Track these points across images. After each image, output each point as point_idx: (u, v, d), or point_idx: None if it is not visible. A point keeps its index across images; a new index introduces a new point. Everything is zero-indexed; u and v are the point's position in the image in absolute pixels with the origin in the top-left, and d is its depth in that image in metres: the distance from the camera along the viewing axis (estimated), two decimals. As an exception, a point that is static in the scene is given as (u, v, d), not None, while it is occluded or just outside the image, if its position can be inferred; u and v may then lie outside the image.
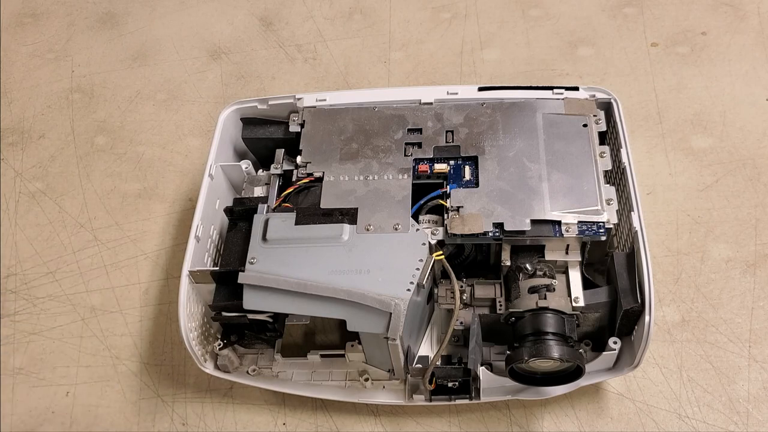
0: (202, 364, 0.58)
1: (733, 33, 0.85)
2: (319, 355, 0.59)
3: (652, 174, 0.73)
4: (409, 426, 0.60)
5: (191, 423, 0.62)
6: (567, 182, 0.55)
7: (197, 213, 0.61)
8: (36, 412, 0.64)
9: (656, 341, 0.62)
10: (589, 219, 0.53)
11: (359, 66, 0.89)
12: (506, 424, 0.59)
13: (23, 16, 1.02)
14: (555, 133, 0.59)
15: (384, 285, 0.50)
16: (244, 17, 0.97)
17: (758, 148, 0.74)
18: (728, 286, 0.65)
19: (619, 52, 0.85)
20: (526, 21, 0.90)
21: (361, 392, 0.58)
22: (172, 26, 0.97)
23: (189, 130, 0.84)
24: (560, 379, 0.53)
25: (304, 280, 0.51)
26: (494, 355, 0.58)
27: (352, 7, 0.96)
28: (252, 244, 0.54)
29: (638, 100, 0.80)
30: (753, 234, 0.68)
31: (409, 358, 0.57)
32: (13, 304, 0.72)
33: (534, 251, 0.55)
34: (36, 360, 0.67)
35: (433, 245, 0.54)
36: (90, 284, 0.72)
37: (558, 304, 0.52)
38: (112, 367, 0.66)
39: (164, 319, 0.69)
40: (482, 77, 0.85)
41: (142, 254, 0.74)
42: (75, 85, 0.91)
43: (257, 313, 0.54)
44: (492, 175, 0.56)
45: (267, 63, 0.91)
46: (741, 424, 0.57)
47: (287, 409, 0.62)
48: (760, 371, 0.60)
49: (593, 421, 0.59)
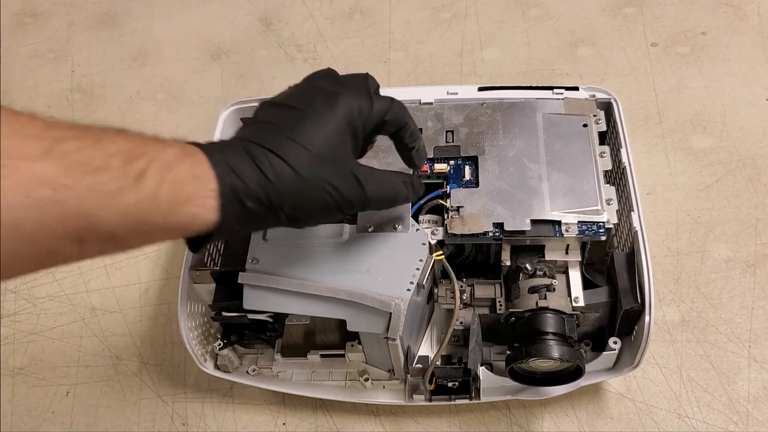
0: (202, 364, 0.58)
1: (733, 33, 0.85)
2: (319, 355, 0.59)
3: (652, 174, 0.73)
4: (409, 426, 0.60)
5: (191, 423, 0.62)
6: (567, 182, 0.55)
7: (197, 213, 0.61)
8: (36, 412, 0.64)
9: (656, 341, 0.62)
10: (589, 219, 0.53)
11: (359, 66, 0.89)
12: (506, 424, 0.59)
13: (23, 16, 1.02)
14: (555, 133, 0.59)
15: (384, 285, 0.50)
16: (244, 17, 0.97)
17: (758, 148, 0.74)
18: (728, 286, 0.65)
19: (619, 52, 0.85)
20: (526, 21, 0.90)
21: (361, 392, 0.58)
22: (172, 26, 0.97)
23: (189, 130, 0.84)
24: (560, 379, 0.53)
25: (304, 280, 0.51)
26: (494, 355, 0.58)
27: (352, 7, 0.96)
28: (252, 244, 0.54)
29: (638, 100, 0.80)
30: (753, 234, 0.68)
31: (409, 358, 0.57)
32: (13, 304, 0.72)
33: (534, 251, 0.55)
34: (36, 360, 0.67)
35: (433, 245, 0.54)
36: (90, 284, 0.72)
37: (558, 304, 0.52)
38: (112, 367, 0.66)
39: (164, 319, 0.69)
40: (482, 77, 0.85)
41: (142, 254, 0.74)
42: (75, 85, 0.91)
43: (257, 313, 0.54)
44: (492, 175, 0.56)
45: (267, 63, 0.91)
46: (741, 424, 0.57)
47: (287, 409, 0.62)
48: (760, 371, 0.60)
49: (593, 421, 0.59)
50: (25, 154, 0.28)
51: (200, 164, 0.35)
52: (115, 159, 0.31)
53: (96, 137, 0.31)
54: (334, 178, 0.40)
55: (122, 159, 0.31)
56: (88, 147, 0.30)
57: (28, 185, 0.28)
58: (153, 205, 0.32)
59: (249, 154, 0.37)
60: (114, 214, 0.31)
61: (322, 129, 0.40)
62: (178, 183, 0.33)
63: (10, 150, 0.27)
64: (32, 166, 0.28)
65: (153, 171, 0.32)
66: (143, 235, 0.33)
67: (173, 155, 0.34)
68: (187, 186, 0.34)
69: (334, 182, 0.40)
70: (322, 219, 0.42)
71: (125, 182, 0.31)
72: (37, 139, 0.29)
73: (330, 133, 0.41)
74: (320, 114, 0.41)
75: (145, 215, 0.32)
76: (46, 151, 0.29)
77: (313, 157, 0.39)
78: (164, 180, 0.33)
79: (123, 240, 0.32)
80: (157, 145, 0.34)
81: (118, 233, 0.32)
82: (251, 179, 0.37)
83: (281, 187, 0.38)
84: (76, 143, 0.30)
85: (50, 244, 0.29)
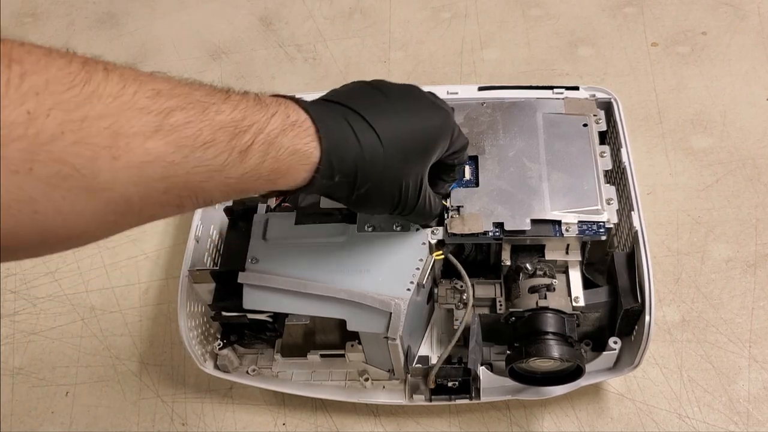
0: (202, 364, 0.58)
1: (733, 33, 0.85)
2: (319, 355, 0.59)
3: (652, 174, 0.73)
4: (409, 426, 0.60)
5: (191, 423, 0.62)
6: (567, 182, 0.55)
7: (197, 213, 0.61)
8: (36, 412, 0.64)
9: (656, 341, 0.62)
10: (590, 219, 0.53)
11: (359, 66, 0.89)
12: (506, 424, 0.59)
13: (23, 16, 1.02)
14: (555, 133, 0.59)
15: (384, 285, 0.50)
16: (244, 17, 0.97)
17: (758, 148, 0.74)
18: (728, 286, 0.65)
19: (619, 52, 0.85)
20: (526, 21, 0.90)
21: (361, 392, 0.58)
22: (172, 26, 0.97)
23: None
24: (560, 379, 0.53)
25: (304, 280, 0.51)
26: (494, 355, 0.58)
27: (352, 7, 0.96)
28: (252, 243, 0.54)
29: (638, 99, 0.80)
30: (753, 234, 0.68)
31: (409, 358, 0.57)
32: (13, 304, 0.72)
33: (534, 251, 0.55)
34: (36, 360, 0.67)
35: (433, 245, 0.54)
36: (90, 284, 0.72)
37: (558, 304, 0.52)
38: (111, 367, 0.66)
39: (164, 319, 0.69)
40: (482, 77, 0.85)
41: (142, 254, 0.74)
42: (75, 85, 0.91)
43: (257, 313, 0.54)
44: (492, 175, 0.56)
45: (267, 63, 0.91)
46: (741, 424, 0.57)
47: (287, 409, 0.62)
48: (761, 371, 0.60)
49: (593, 421, 0.59)
50: (137, 131, 0.28)
51: (304, 135, 0.37)
52: (222, 133, 0.32)
53: (202, 107, 0.31)
54: (409, 178, 0.43)
55: (229, 133, 0.32)
56: (195, 119, 0.31)
57: (140, 164, 0.29)
58: (254, 177, 0.34)
59: (350, 125, 0.39)
60: (217, 186, 0.33)
61: (420, 128, 0.42)
62: (281, 157, 0.35)
63: (124, 127, 0.28)
64: (144, 145, 0.29)
65: (257, 146, 0.34)
66: (238, 196, 0.36)
67: (278, 126, 0.35)
68: (289, 159, 0.36)
69: (408, 182, 0.43)
70: (379, 211, 0.45)
71: (231, 158, 0.32)
72: (147, 113, 0.29)
73: (424, 136, 0.42)
74: (424, 115, 0.43)
75: (245, 185, 0.34)
76: (157, 128, 0.29)
77: (402, 147, 0.41)
78: (267, 155, 0.34)
79: (219, 201, 0.35)
80: (262, 114, 0.34)
81: (217, 198, 0.34)
82: (349, 156, 0.38)
83: (370, 170, 0.40)
84: (184, 115, 0.30)
85: (153, 211, 0.31)
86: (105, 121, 0.27)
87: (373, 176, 0.40)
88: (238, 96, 0.34)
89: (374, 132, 0.39)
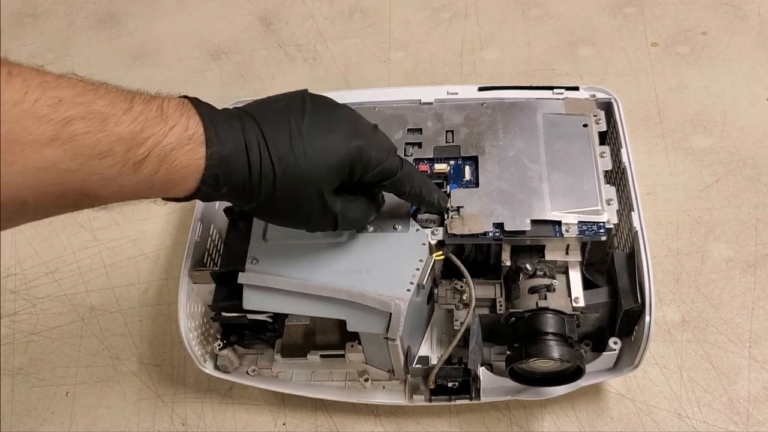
0: (202, 364, 0.58)
1: (733, 33, 0.85)
2: (319, 356, 0.59)
3: (652, 174, 0.73)
4: (409, 426, 0.60)
5: (191, 423, 0.62)
6: (567, 182, 0.55)
7: (197, 213, 0.61)
8: (36, 412, 0.64)
9: (656, 341, 0.62)
10: (590, 219, 0.53)
11: (359, 66, 0.89)
12: (506, 424, 0.59)
13: (23, 16, 1.02)
14: (555, 133, 0.59)
15: (384, 285, 0.50)
16: (244, 17, 0.97)
17: (758, 148, 0.74)
18: (728, 286, 0.65)
19: (619, 52, 0.85)
20: (526, 21, 0.90)
21: (361, 392, 0.58)
22: (172, 26, 0.97)
23: (189, 130, 0.84)
24: (560, 380, 0.53)
25: (304, 280, 0.51)
26: (494, 355, 0.57)
27: (352, 7, 0.96)
28: (252, 244, 0.54)
29: (638, 100, 0.80)
30: (753, 234, 0.68)
31: (409, 358, 0.57)
32: (13, 304, 0.72)
33: (534, 251, 0.55)
34: (36, 360, 0.67)
35: (433, 245, 0.54)
36: (90, 284, 0.72)
37: (558, 304, 0.52)
38: (111, 367, 0.66)
39: (164, 319, 0.69)
40: (482, 77, 0.85)
41: (141, 254, 0.74)
42: (75, 85, 0.91)
43: (257, 314, 0.54)
44: (492, 175, 0.56)
45: (267, 63, 0.91)
46: (741, 424, 0.57)
47: (287, 409, 0.62)
48: (761, 371, 0.60)
49: (593, 422, 0.59)
50: (34, 138, 0.29)
51: (199, 149, 0.37)
52: (119, 144, 0.33)
53: (102, 117, 0.32)
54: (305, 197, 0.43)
55: (126, 145, 0.33)
56: (94, 130, 0.32)
57: (35, 170, 0.30)
58: (148, 186, 0.36)
59: (245, 142, 0.39)
60: (112, 193, 0.34)
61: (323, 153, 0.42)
62: (174, 169, 0.36)
63: (21, 134, 0.29)
64: (39, 152, 0.30)
65: (152, 158, 0.35)
66: (131, 201, 0.37)
67: (174, 140, 0.36)
68: (182, 171, 0.37)
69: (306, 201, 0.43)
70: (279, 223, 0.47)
71: (125, 168, 0.34)
72: (46, 122, 0.30)
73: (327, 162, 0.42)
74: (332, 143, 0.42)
75: (140, 193, 0.36)
76: (54, 137, 0.30)
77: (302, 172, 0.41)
78: (161, 166, 0.35)
79: (113, 204, 0.36)
80: (160, 127, 0.35)
81: (111, 203, 0.36)
82: (239, 172, 0.39)
83: (260, 188, 0.40)
84: (83, 124, 0.31)
85: (47, 211, 0.33)
86: (2, 128, 0.28)
87: (263, 194, 0.41)
88: (141, 106, 0.35)
89: (268, 153, 0.40)
